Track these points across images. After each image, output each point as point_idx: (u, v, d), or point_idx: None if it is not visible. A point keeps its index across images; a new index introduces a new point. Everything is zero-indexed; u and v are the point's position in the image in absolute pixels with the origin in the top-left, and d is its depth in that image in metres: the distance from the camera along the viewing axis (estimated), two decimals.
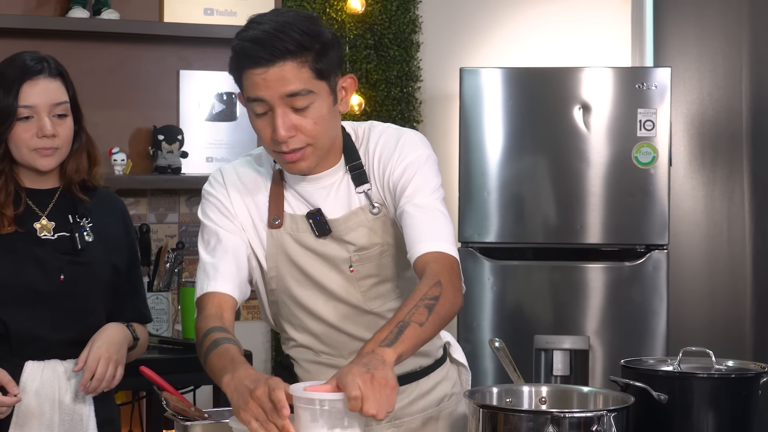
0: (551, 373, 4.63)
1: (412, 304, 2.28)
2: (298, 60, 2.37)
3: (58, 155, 2.78)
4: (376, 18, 5.13)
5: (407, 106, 5.18)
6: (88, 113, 2.93)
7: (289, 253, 2.55)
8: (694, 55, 5.08)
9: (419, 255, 2.41)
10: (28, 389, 2.74)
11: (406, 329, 2.22)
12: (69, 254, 2.79)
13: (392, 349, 2.17)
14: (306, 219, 2.54)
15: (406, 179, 2.50)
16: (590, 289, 4.67)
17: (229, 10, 4.87)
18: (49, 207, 2.82)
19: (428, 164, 2.53)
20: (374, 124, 2.61)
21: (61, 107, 2.78)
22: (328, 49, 2.41)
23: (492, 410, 2.30)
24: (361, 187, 2.54)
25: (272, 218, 2.55)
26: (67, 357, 2.79)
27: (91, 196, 2.86)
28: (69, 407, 2.78)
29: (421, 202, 2.47)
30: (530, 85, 4.73)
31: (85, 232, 2.81)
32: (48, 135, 2.73)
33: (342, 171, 2.56)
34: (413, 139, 2.56)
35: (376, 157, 2.54)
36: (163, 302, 4.41)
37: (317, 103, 2.41)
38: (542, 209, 4.69)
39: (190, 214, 4.92)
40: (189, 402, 2.44)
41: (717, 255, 4.94)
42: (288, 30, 2.37)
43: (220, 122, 4.91)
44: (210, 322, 2.44)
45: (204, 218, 2.57)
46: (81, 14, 4.59)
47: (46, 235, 2.79)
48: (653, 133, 4.62)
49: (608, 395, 2.42)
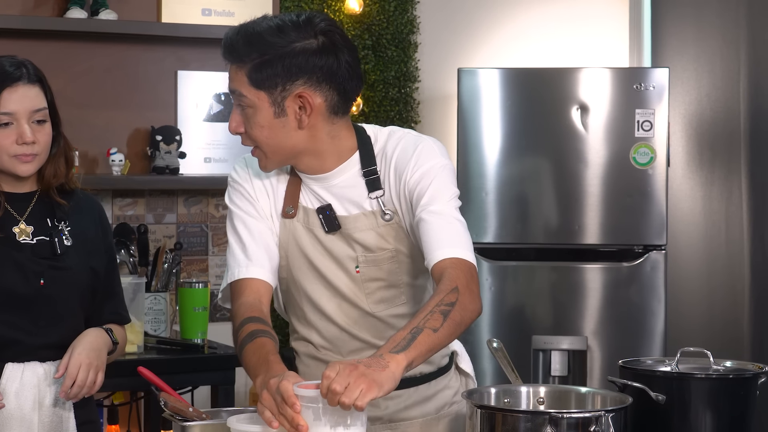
0: (549, 373, 4.63)
1: (427, 310, 2.29)
2: (237, 64, 2.47)
3: (37, 161, 2.79)
4: (373, 18, 5.13)
5: (405, 106, 5.18)
6: (86, 114, 2.94)
7: (300, 243, 2.57)
8: (692, 56, 5.08)
9: (437, 261, 2.42)
10: (7, 391, 2.74)
11: (420, 335, 2.23)
12: (48, 259, 2.79)
13: (403, 354, 2.18)
14: (317, 213, 2.56)
15: (422, 187, 2.50)
16: (588, 290, 4.68)
17: (227, 10, 4.86)
18: (27, 211, 2.83)
19: (445, 173, 2.53)
20: (394, 131, 2.61)
21: (41, 113, 2.77)
22: (272, 62, 2.43)
23: (490, 411, 2.30)
24: (374, 193, 2.55)
25: (287, 208, 2.58)
26: (46, 359, 2.80)
27: (68, 200, 2.87)
28: (49, 409, 2.79)
29: (438, 209, 2.48)
30: (528, 85, 4.74)
31: (64, 236, 2.82)
32: (28, 142, 2.74)
33: (356, 174, 2.56)
34: (431, 148, 2.56)
35: (392, 163, 2.55)
36: (161, 303, 4.41)
37: (254, 110, 2.47)
38: (540, 210, 4.69)
39: (188, 215, 4.92)
40: (187, 402, 2.44)
41: (715, 255, 4.94)
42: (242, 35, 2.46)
43: (218, 123, 4.91)
44: (248, 310, 2.45)
45: (231, 204, 2.62)
46: (79, 15, 4.59)
47: (25, 239, 2.79)
48: (651, 134, 4.63)
49: (606, 396, 2.42)
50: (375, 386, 2.10)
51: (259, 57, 2.43)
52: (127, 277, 4.16)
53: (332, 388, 2.07)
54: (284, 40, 2.43)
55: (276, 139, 2.48)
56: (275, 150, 2.50)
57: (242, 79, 2.45)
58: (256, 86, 2.45)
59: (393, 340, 2.22)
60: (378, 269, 2.56)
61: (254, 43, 2.44)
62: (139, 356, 4.08)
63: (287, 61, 2.43)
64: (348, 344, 2.60)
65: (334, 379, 2.08)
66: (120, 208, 4.81)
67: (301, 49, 2.43)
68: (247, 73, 2.44)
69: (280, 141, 2.49)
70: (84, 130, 4.67)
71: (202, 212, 4.94)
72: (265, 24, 2.46)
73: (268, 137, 2.48)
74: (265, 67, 2.43)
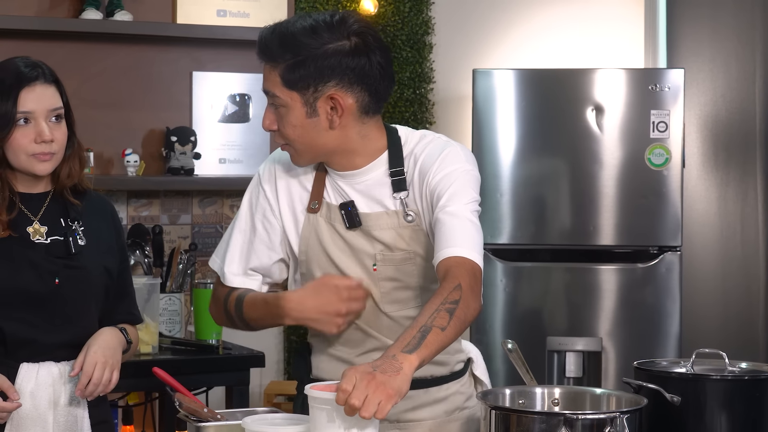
0: (564, 374, 4.63)
1: (433, 308, 2.29)
2: (270, 64, 2.50)
3: (54, 160, 2.80)
4: (388, 19, 5.13)
5: (420, 107, 5.18)
6: (101, 115, 2.95)
7: (321, 238, 2.59)
8: (707, 57, 5.07)
9: (442, 259, 2.43)
10: (23, 391, 2.75)
11: (429, 334, 2.23)
12: (63, 258, 2.81)
13: (415, 354, 2.19)
14: (339, 209, 2.57)
15: (442, 188, 2.51)
16: (603, 291, 4.67)
17: (242, 11, 4.87)
18: (41, 211, 2.84)
19: (466, 177, 2.54)
20: (425, 134, 2.63)
21: (57, 112, 2.80)
22: (305, 63, 2.45)
23: (505, 412, 2.29)
24: (399, 194, 2.56)
25: (312, 203, 2.60)
26: (61, 359, 2.81)
27: (81, 200, 2.89)
28: (64, 409, 2.80)
29: (454, 210, 2.49)
30: (543, 86, 4.73)
31: (78, 236, 2.84)
32: (47, 140, 2.76)
33: (382, 172, 2.58)
34: (457, 153, 2.57)
35: (418, 166, 2.57)
36: (175, 303, 4.42)
37: (286, 109, 2.50)
38: (555, 211, 4.68)
39: (202, 216, 4.92)
40: (202, 403, 2.45)
41: (730, 257, 4.93)
42: (276, 35, 2.49)
43: (233, 123, 4.92)
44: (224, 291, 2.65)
45: (247, 201, 2.68)
46: (94, 16, 4.60)
47: (39, 239, 2.81)
48: (666, 135, 4.62)
49: (621, 397, 2.42)
50: (394, 395, 2.11)
51: (292, 58, 2.46)
52: (141, 278, 4.17)
53: (351, 404, 2.08)
54: (317, 41, 2.46)
55: (308, 138, 2.52)
56: (307, 148, 2.54)
57: (275, 79, 2.49)
58: (289, 87, 2.48)
59: (402, 339, 2.23)
60: (395, 269, 2.57)
61: (288, 44, 2.47)
62: (153, 357, 4.09)
63: (320, 63, 2.45)
64: (362, 343, 2.60)
65: (351, 393, 2.08)
66: (135, 209, 4.82)
67: (333, 50, 2.46)
68: (280, 73, 2.48)
69: (311, 140, 2.52)
70: (99, 131, 4.68)
71: (217, 213, 4.95)
72: (299, 24, 2.48)
73: (300, 136, 2.52)
74: (298, 68, 2.46)
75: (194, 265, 4.60)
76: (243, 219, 2.66)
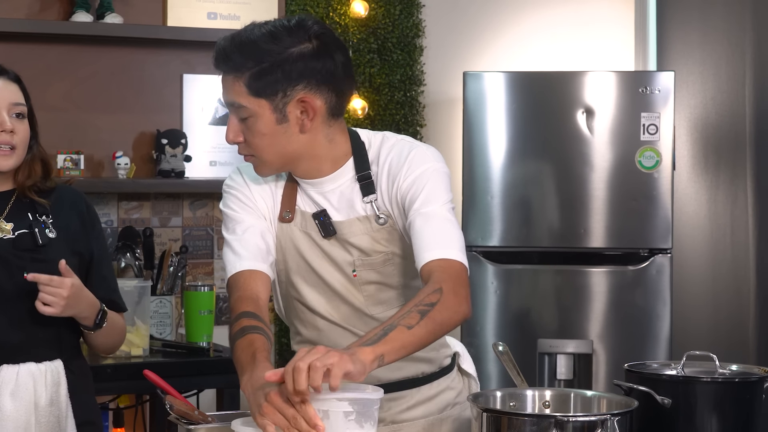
0: (555, 377, 4.63)
1: (405, 309, 2.29)
2: (233, 75, 2.46)
3: (16, 156, 2.81)
4: (379, 22, 5.13)
5: (410, 110, 5.18)
6: (92, 117, 2.95)
7: (298, 247, 2.57)
8: (697, 59, 5.08)
9: (424, 263, 2.42)
10: (3, 392, 2.74)
11: (392, 331, 2.22)
12: (30, 251, 2.80)
13: (371, 347, 2.16)
14: (313, 219, 2.57)
15: (414, 192, 2.50)
16: (594, 293, 4.67)
17: (233, 14, 4.87)
18: (6, 209, 2.84)
19: (437, 177, 2.53)
20: (388, 136, 2.62)
21: (20, 107, 2.82)
22: (270, 70, 2.42)
23: (496, 414, 2.30)
24: (368, 197, 2.55)
25: (284, 213, 2.58)
26: (42, 359, 2.80)
27: (48, 197, 2.88)
28: (45, 409, 2.78)
29: (429, 211, 2.48)
30: (533, 89, 4.74)
31: (46, 229, 2.83)
32: (7, 130, 2.77)
33: (350, 178, 2.57)
34: (424, 153, 2.56)
35: (385, 168, 2.55)
36: (166, 306, 4.41)
37: (254, 118, 2.47)
38: (546, 213, 4.69)
39: (193, 218, 4.92)
40: (192, 405, 2.45)
41: (720, 259, 4.94)
42: (236, 44, 2.44)
43: (223, 126, 4.90)
44: (243, 305, 2.45)
45: (226, 209, 2.60)
46: (84, 18, 4.60)
47: (6, 236, 2.80)
48: (656, 137, 4.63)
49: (612, 399, 2.42)
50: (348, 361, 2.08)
51: (256, 65, 2.43)
52: (132, 281, 4.17)
53: (296, 366, 2.05)
54: (279, 46, 2.43)
55: (277, 146, 2.49)
56: (274, 157, 2.51)
57: (240, 89, 2.45)
58: (256, 95, 2.45)
59: (365, 336, 2.22)
60: (374, 272, 2.56)
61: (250, 52, 2.44)
62: (144, 359, 4.08)
63: (286, 67, 2.43)
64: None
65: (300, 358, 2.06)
66: (125, 211, 4.81)
67: (298, 54, 2.44)
68: (245, 82, 2.44)
69: (281, 147, 2.49)
70: (89, 134, 4.68)
71: (208, 215, 4.94)
72: (257, 32, 2.46)
73: (269, 144, 2.49)
74: (264, 75, 2.43)
75: (185, 267, 4.60)
76: (228, 224, 2.60)
